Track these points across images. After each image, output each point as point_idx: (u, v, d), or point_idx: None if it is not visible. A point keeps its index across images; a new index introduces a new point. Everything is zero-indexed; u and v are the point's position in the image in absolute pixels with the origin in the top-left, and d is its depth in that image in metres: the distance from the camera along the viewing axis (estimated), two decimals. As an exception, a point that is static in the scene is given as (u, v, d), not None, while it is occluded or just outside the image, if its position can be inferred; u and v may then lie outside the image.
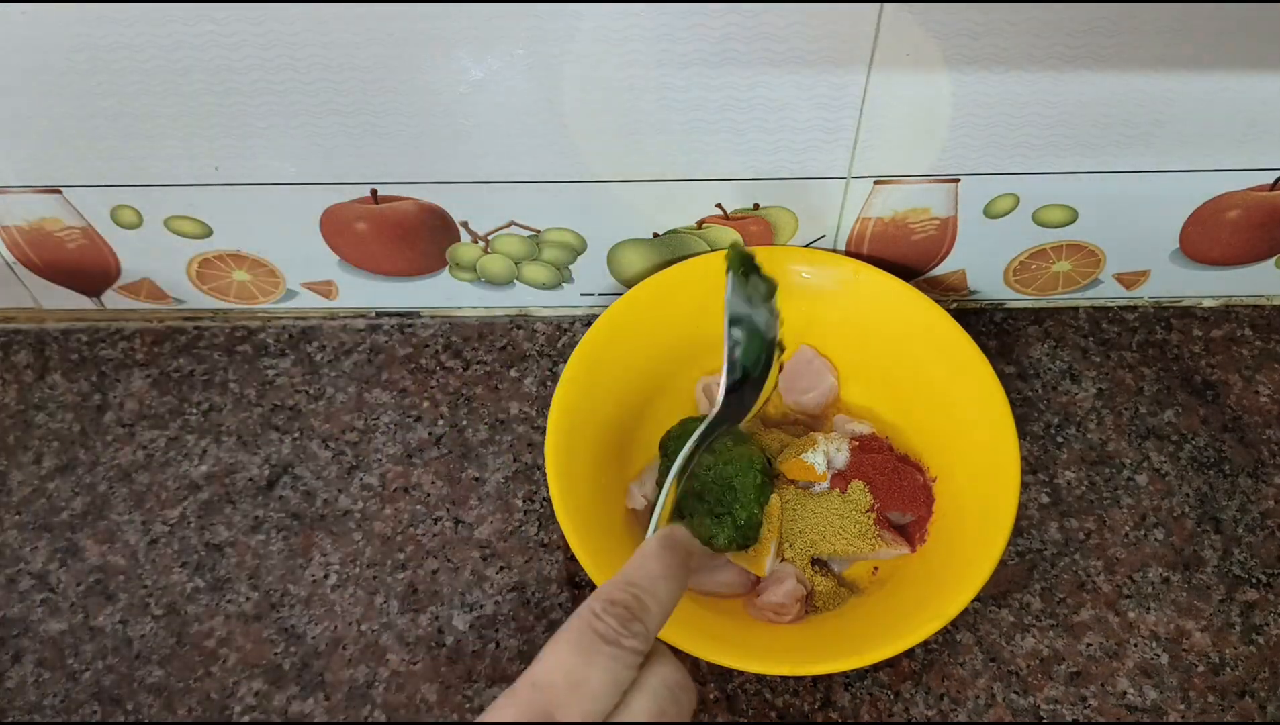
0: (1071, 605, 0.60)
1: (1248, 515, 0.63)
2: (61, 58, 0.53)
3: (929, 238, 0.65)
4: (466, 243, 0.65)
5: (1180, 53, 0.53)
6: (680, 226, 0.64)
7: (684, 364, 0.65)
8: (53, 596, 0.60)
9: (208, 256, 0.66)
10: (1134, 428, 0.66)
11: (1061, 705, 0.56)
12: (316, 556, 0.61)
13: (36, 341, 0.70)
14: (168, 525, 0.63)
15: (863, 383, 0.65)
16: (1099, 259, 0.67)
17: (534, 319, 0.71)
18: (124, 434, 0.66)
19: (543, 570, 0.61)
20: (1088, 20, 0.52)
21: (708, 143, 0.58)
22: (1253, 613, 0.59)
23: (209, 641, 0.59)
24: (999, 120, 0.57)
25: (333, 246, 0.65)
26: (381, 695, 0.57)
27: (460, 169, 0.60)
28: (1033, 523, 0.62)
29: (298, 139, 0.57)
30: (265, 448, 0.66)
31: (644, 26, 0.52)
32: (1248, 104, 0.56)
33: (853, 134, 0.58)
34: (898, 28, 0.52)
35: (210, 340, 0.70)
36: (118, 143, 0.58)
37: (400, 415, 0.67)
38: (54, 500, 0.64)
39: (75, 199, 0.62)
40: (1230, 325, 0.70)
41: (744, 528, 0.58)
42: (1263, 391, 0.67)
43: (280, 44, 0.52)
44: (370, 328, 0.71)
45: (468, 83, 0.54)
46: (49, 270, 0.67)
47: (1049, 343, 0.70)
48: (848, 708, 0.56)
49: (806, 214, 0.64)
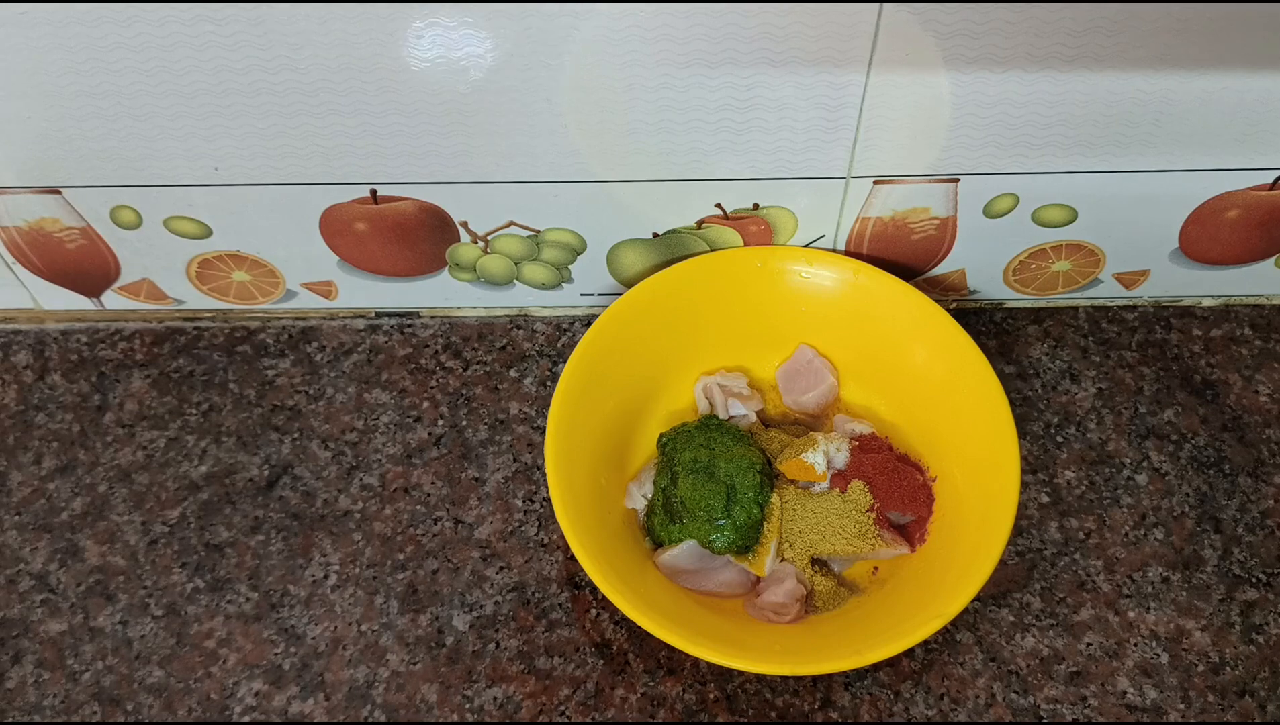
0: (1071, 605, 0.60)
1: (1247, 515, 0.63)
2: (60, 58, 0.53)
3: (929, 237, 0.65)
4: (466, 243, 0.65)
5: (1179, 52, 0.53)
6: (680, 226, 0.64)
7: (683, 364, 0.65)
8: (53, 597, 0.60)
9: (207, 257, 0.66)
10: (1134, 427, 0.66)
11: (1061, 705, 0.56)
12: (316, 557, 0.61)
13: (36, 342, 0.70)
14: (167, 526, 0.63)
15: (863, 383, 0.65)
16: (1099, 259, 0.67)
17: (534, 319, 0.71)
18: (124, 434, 0.66)
19: (542, 570, 0.61)
20: (1087, 20, 0.52)
21: (707, 143, 0.58)
22: (1252, 612, 0.59)
23: (209, 642, 0.59)
24: (998, 120, 0.57)
25: (332, 247, 0.65)
26: (381, 695, 0.57)
27: (459, 169, 0.60)
28: (1032, 522, 0.62)
29: (297, 139, 0.57)
30: (265, 448, 0.66)
31: (643, 26, 0.52)
32: (1247, 104, 0.56)
33: (852, 134, 0.58)
34: (897, 27, 0.52)
35: (210, 341, 0.70)
36: (117, 143, 0.58)
37: (400, 415, 0.67)
38: (54, 501, 0.64)
39: (75, 199, 0.62)
40: (1230, 325, 0.70)
41: (744, 528, 0.58)
42: (1262, 391, 0.67)
43: (279, 44, 0.52)
44: (370, 328, 0.71)
45: (467, 83, 0.54)
46: (49, 271, 0.67)
47: (1049, 342, 0.70)
48: (848, 707, 0.56)
49: (806, 214, 0.64)
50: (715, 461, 0.59)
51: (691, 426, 0.62)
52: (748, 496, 0.58)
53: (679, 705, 0.56)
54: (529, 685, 0.57)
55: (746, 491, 0.58)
